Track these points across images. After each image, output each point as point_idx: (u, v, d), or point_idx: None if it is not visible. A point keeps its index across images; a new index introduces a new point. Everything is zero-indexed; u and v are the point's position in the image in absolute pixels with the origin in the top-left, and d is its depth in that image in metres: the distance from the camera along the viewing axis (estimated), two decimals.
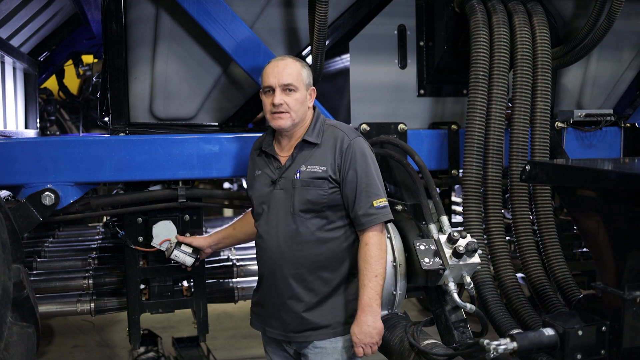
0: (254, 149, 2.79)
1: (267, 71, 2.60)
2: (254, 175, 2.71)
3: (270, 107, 2.57)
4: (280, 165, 2.62)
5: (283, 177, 2.60)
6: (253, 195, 2.70)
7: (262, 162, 2.70)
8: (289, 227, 2.56)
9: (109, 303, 3.60)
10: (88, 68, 6.46)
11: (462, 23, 3.37)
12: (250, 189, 2.73)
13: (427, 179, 2.91)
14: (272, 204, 2.61)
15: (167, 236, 3.27)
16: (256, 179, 2.69)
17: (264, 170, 2.66)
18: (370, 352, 2.54)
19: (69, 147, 3.04)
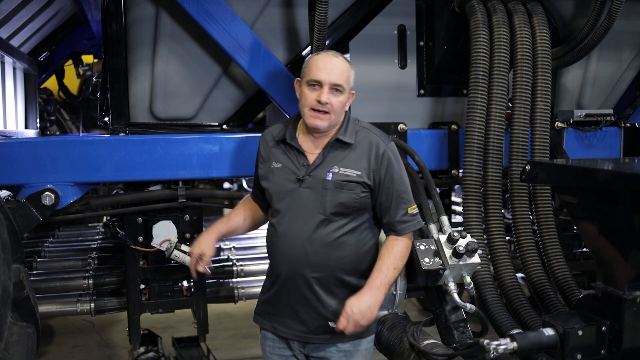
0: (268, 138, 2.63)
1: (317, 65, 2.45)
2: (270, 167, 2.57)
3: (313, 102, 2.43)
4: (308, 163, 2.50)
5: (311, 176, 2.48)
6: (271, 188, 2.56)
7: (282, 154, 2.56)
8: (318, 229, 2.47)
9: (109, 303, 3.61)
10: (88, 68, 6.46)
11: (462, 23, 3.37)
12: (266, 180, 2.59)
13: (427, 179, 2.91)
14: (297, 202, 2.49)
15: (167, 236, 3.28)
16: (274, 171, 2.55)
17: (286, 164, 2.53)
18: (350, 330, 2.40)
19: (69, 147, 3.04)
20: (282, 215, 2.53)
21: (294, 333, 2.57)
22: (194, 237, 3.40)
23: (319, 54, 2.50)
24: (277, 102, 3.29)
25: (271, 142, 2.61)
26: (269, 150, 2.61)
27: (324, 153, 2.51)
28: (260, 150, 2.67)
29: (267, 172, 2.59)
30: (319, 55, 2.49)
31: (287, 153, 2.55)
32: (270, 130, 2.66)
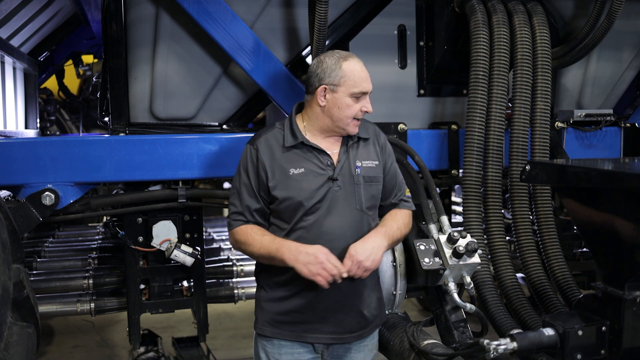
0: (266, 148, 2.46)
1: (361, 75, 2.44)
2: (287, 175, 2.42)
3: (358, 113, 2.45)
4: (333, 162, 2.47)
5: (341, 174, 2.46)
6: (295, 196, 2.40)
7: (300, 158, 2.44)
8: (357, 225, 2.46)
9: (109, 303, 3.61)
10: (88, 68, 6.46)
11: (462, 23, 3.37)
12: (283, 190, 2.42)
13: (427, 179, 2.91)
14: (332, 202, 2.43)
15: (167, 236, 3.28)
16: (296, 177, 2.41)
17: (309, 167, 2.43)
18: (356, 272, 2.35)
19: (69, 147, 3.04)
20: (315, 219, 2.42)
21: (327, 337, 2.48)
22: (194, 237, 3.41)
23: (353, 61, 2.45)
24: (277, 102, 3.29)
25: (277, 150, 2.46)
26: (277, 159, 2.45)
27: (345, 150, 2.51)
28: (259, 164, 2.45)
29: (283, 181, 2.42)
30: (356, 62, 2.45)
31: (305, 156, 2.45)
32: (264, 140, 2.48)
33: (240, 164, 2.53)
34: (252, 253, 2.48)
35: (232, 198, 2.53)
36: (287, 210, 2.43)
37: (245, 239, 2.47)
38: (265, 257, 2.43)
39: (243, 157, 2.51)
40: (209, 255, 3.95)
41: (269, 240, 2.42)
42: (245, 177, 2.48)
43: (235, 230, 2.50)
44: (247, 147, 2.52)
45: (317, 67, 2.45)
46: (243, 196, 2.48)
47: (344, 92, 2.42)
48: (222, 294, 3.79)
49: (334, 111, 2.44)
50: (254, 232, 2.46)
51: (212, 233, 4.98)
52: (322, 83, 2.43)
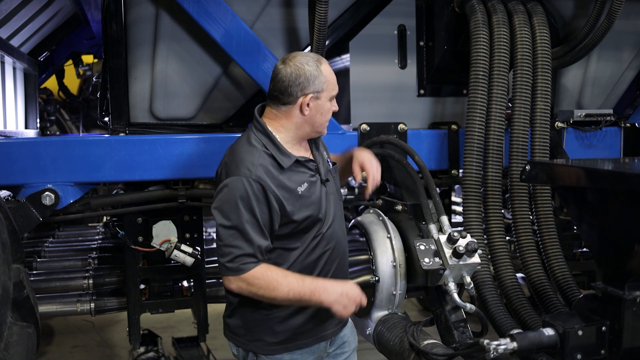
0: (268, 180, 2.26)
1: (333, 77, 2.39)
2: (298, 195, 2.32)
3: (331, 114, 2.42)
4: (316, 164, 2.44)
5: (325, 174, 2.46)
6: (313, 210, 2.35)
7: (295, 175, 2.35)
8: (342, 218, 2.54)
9: (109, 303, 3.61)
10: (88, 68, 6.46)
11: (462, 23, 3.37)
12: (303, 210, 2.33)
13: (427, 179, 2.91)
14: (329, 203, 2.44)
15: (167, 236, 3.28)
16: (305, 193, 2.34)
17: (308, 179, 2.38)
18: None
19: (69, 147, 3.04)
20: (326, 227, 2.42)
21: (334, 330, 2.55)
22: (194, 237, 3.41)
23: (325, 63, 2.38)
24: None
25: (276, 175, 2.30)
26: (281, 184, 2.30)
27: (315, 148, 2.50)
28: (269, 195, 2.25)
29: (296, 202, 2.32)
30: (326, 63, 2.39)
31: (298, 170, 2.36)
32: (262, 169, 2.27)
33: (235, 201, 2.22)
34: (274, 298, 2.25)
35: (231, 240, 2.23)
36: (306, 229, 2.36)
37: (267, 283, 2.22)
38: (294, 301, 2.27)
39: (240, 193, 2.22)
40: (209, 255, 3.95)
41: (297, 282, 2.25)
42: (248, 214, 2.22)
43: (249, 275, 2.22)
44: (240, 182, 2.23)
45: (296, 77, 2.29)
46: (250, 236, 2.22)
47: (326, 96, 2.36)
48: (222, 294, 3.78)
49: (316, 118, 2.37)
50: (276, 274, 2.25)
51: (212, 233, 4.98)
52: (307, 92, 2.31)
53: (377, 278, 2.76)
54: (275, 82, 2.34)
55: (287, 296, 2.24)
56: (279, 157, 2.32)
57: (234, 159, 2.31)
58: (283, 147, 2.35)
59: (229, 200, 2.24)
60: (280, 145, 2.35)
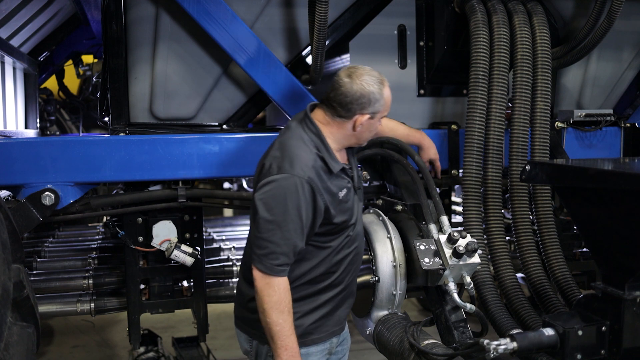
0: (318, 183, 2.31)
1: (390, 100, 2.44)
2: (338, 200, 2.39)
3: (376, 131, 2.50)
4: (351, 172, 2.52)
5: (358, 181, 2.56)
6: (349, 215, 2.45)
7: (337, 180, 2.41)
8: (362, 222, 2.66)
9: (109, 303, 3.61)
10: (88, 68, 6.46)
11: (462, 23, 3.37)
12: (341, 214, 2.40)
13: (427, 179, 2.91)
14: (359, 209, 2.56)
15: (167, 236, 3.28)
16: (344, 199, 2.42)
17: (346, 185, 2.45)
18: None
19: (69, 147, 3.04)
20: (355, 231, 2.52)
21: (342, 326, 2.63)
22: (194, 237, 3.41)
23: (386, 84, 2.41)
24: (277, 102, 3.28)
25: (325, 179, 2.35)
26: (327, 187, 2.36)
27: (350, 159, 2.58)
28: (317, 198, 2.31)
29: (337, 206, 2.39)
30: (387, 85, 2.43)
31: (340, 177, 2.43)
32: (314, 172, 2.31)
33: (283, 198, 2.25)
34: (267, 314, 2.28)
35: (269, 235, 2.26)
36: (339, 231, 2.44)
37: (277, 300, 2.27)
38: (268, 331, 2.31)
39: (290, 191, 2.26)
40: (209, 255, 3.95)
41: (288, 326, 2.29)
42: (294, 213, 2.26)
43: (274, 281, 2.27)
44: (293, 182, 2.26)
45: (360, 96, 2.33)
46: (290, 234, 2.26)
47: (379, 117, 2.44)
48: (222, 294, 3.79)
49: (364, 135, 2.46)
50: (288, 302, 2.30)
51: (212, 233, 4.98)
52: (365, 112, 2.36)
53: (377, 278, 2.77)
54: (337, 93, 2.36)
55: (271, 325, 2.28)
56: (329, 162, 2.37)
57: (287, 155, 2.33)
58: (333, 153, 2.41)
59: (277, 196, 2.26)
60: (331, 150, 2.40)
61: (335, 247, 2.45)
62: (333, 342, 2.60)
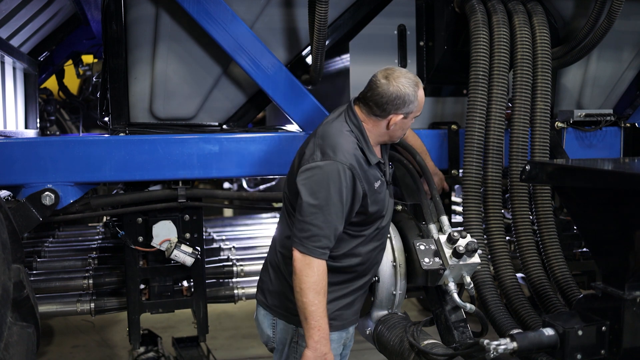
0: (358, 171, 2.43)
1: (423, 101, 2.55)
2: (374, 190, 2.51)
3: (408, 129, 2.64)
4: (384, 167, 2.64)
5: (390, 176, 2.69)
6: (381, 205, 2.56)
7: (374, 171, 2.54)
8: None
9: (109, 303, 3.61)
10: (88, 68, 6.45)
11: (462, 23, 3.37)
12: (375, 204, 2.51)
13: (427, 179, 2.91)
14: (390, 203, 2.67)
15: (167, 236, 3.28)
16: (378, 189, 2.54)
17: (381, 178, 2.57)
18: None
19: (69, 147, 3.04)
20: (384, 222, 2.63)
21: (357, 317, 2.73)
22: (194, 237, 3.41)
23: (420, 86, 2.52)
24: (277, 102, 3.28)
25: (364, 167, 2.47)
26: (366, 176, 2.48)
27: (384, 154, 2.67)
28: (357, 185, 2.42)
29: (372, 196, 2.50)
30: (422, 87, 2.53)
31: (375, 170, 2.55)
32: (355, 159, 2.44)
33: (327, 183, 2.37)
34: (302, 293, 2.36)
35: (312, 218, 2.36)
36: (371, 222, 2.55)
37: (315, 281, 2.36)
38: (302, 310, 2.38)
39: (333, 176, 2.37)
40: (209, 255, 3.95)
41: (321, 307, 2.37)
42: (336, 197, 2.36)
43: (313, 262, 2.37)
44: (336, 167, 2.38)
45: (396, 97, 2.44)
46: (332, 217, 2.37)
47: (412, 117, 2.55)
48: (222, 294, 3.79)
49: (397, 133, 2.57)
50: (324, 284, 2.39)
51: (212, 233, 4.98)
52: (399, 112, 2.48)
53: (377, 278, 2.77)
54: (374, 93, 2.47)
55: (307, 305, 2.36)
56: (368, 153, 2.50)
57: (330, 142, 2.45)
58: (371, 146, 2.53)
59: (321, 181, 2.38)
60: (370, 143, 2.53)
61: (366, 237, 2.56)
62: (349, 333, 2.70)
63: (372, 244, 2.61)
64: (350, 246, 2.54)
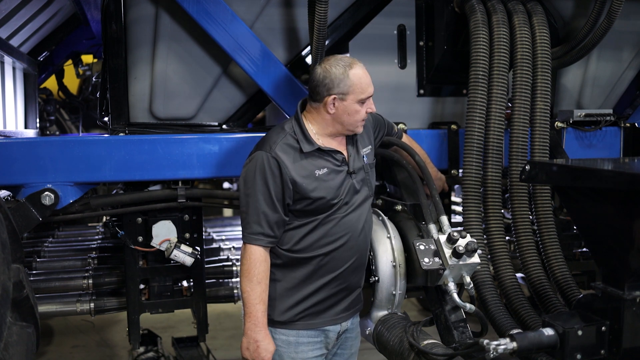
0: (285, 158, 2.48)
1: (367, 81, 2.54)
2: (315, 177, 2.52)
3: (365, 115, 2.58)
4: (345, 157, 2.61)
5: (354, 166, 2.63)
6: (327, 194, 2.53)
7: (319, 161, 2.54)
8: (368, 212, 2.69)
9: (108, 303, 3.61)
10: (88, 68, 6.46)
11: (462, 23, 3.37)
12: (316, 190, 2.51)
13: (427, 179, 2.91)
14: (352, 195, 2.61)
15: (166, 236, 3.28)
16: (323, 177, 2.53)
17: (330, 167, 2.56)
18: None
19: (69, 147, 3.04)
20: (341, 215, 2.58)
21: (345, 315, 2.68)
22: (193, 237, 3.41)
23: (357, 67, 2.52)
24: (276, 102, 3.29)
25: (296, 156, 2.51)
26: (299, 163, 2.51)
27: (352, 143, 2.67)
28: (283, 171, 2.47)
29: (311, 183, 2.51)
30: (360, 69, 2.53)
31: (322, 157, 2.56)
32: (281, 147, 2.50)
33: (253, 172, 2.48)
34: (241, 280, 2.53)
35: (245, 207, 2.50)
36: (318, 210, 2.54)
37: (248, 267, 2.49)
38: (242, 298, 2.53)
39: (259, 166, 2.48)
40: (208, 255, 3.95)
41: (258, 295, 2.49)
42: (262, 185, 2.47)
43: (247, 248, 2.50)
44: (261, 156, 2.48)
45: (324, 77, 2.49)
46: (260, 204, 2.47)
47: (353, 99, 2.52)
48: (222, 294, 3.79)
49: (344, 117, 2.55)
50: (259, 270, 2.49)
51: (212, 233, 4.99)
52: (331, 93, 2.50)
53: (377, 278, 2.77)
54: (309, 80, 2.58)
55: (242, 291, 2.53)
56: (302, 142, 2.53)
57: (264, 137, 2.60)
58: (310, 136, 2.55)
59: (249, 171, 2.51)
60: (308, 133, 2.56)
61: (319, 225, 2.55)
62: (329, 337, 2.64)
63: (331, 236, 2.56)
64: (301, 234, 2.55)
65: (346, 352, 2.77)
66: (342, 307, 2.65)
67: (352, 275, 2.65)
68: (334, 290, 2.61)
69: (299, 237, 2.55)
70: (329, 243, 2.57)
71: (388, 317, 2.79)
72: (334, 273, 2.59)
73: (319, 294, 2.59)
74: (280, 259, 2.58)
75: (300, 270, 2.57)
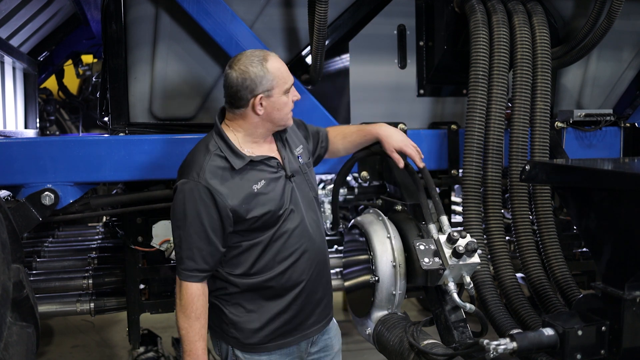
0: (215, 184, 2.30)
1: (285, 69, 2.43)
2: (252, 194, 2.36)
3: (292, 105, 2.46)
4: (279, 161, 2.49)
5: (291, 169, 2.50)
6: (273, 207, 2.38)
7: (253, 173, 2.40)
8: (316, 213, 2.58)
9: (108, 303, 3.60)
10: (88, 68, 6.47)
11: (462, 23, 3.37)
12: (259, 207, 2.36)
13: (427, 179, 2.91)
14: (297, 199, 2.49)
15: (166, 236, 3.28)
16: (262, 191, 2.38)
17: (267, 177, 2.41)
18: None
19: (69, 147, 3.04)
20: (293, 223, 2.45)
21: (316, 328, 2.59)
22: None
23: (273, 59, 2.40)
24: None
25: (227, 176, 2.34)
26: (233, 184, 2.35)
27: (282, 145, 2.55)
28: (216, 197, 2.30)
29: (251, 200, 2.35)
30: (276, 59, 2.41)
31: (256, 169, 2.41)
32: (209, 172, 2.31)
33: (182, 204, 2.30)
34: (178, 317, 2.36)
35: (178, 242, 2.35)
36: (266, 225, 2.40)
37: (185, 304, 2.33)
38: (181, 335, 2.37)
39: (188, 198, 2.29)
40: None
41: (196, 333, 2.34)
42: (193, 216, 2.30)
43: (182, 284, 2.34)
44: (189, 186, 2.30)
45: (243, 80, 2.34)
46: (192, 239, 2.31)
47: (278, 92, 2.40)
48: None
49: (274, 114, 2.42)
50: (197, 307, 2.34)
51: None
52: (255, 94, 2.36)
53: (377, 278, 2.76)
54: (226, 88, 2.39)
55: (179, 328, 2.36)
56: (231, 158, 2.36)
57: (187, 161, 2.41)
58: (237, 149, 2.39)
59: (178, 202, 2.34)
60: (234, 146, 2.39)
61: (266, 246, 2.41)
62: (302, 347, 2.58)
63: (285, 251, 2.43)
64: (253, 257, 2.41)
65: (331, 353, 2.70)
66: (312, 320, 2.56)
67: (316, 283, 2.54)
68: (300, 306, 2.50)
69: (252, 260, 2.42)
70: (285, 259, 2.45)
71: (388, 317, 2.79)
72: (297, 288, 2.48)
73: (287, 313, 2.48)
74: (237, 287, 2.43)
75: (262, 292, 2.45)
